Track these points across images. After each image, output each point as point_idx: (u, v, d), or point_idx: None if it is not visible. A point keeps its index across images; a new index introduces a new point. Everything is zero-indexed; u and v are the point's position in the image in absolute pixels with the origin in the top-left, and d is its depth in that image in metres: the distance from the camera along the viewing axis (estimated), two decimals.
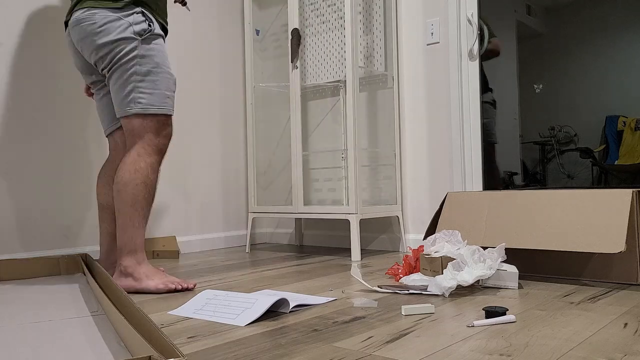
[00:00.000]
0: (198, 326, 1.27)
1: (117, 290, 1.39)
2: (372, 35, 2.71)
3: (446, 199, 2.07)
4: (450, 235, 1.74)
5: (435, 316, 1.30)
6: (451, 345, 1.06)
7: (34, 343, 1.12)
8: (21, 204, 2.23)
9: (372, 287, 1.64)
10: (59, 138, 2.35)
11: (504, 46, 3.43)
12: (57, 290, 1.75)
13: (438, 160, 2.57)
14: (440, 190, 2.57)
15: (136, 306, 1.16)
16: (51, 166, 2.32)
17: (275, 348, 1.07)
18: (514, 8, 5.57)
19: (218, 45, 3.02)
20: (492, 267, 1.56)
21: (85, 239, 2.42)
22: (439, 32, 2.56)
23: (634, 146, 5.75)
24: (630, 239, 1.65)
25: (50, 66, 2.33)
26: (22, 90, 2.25)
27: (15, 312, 1.43)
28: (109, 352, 1.03)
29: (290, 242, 3.17)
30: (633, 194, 1.66)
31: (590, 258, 1.73)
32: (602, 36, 5.51)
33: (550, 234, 1.73)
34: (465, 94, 2.49)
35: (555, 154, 5.98)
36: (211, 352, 1.05)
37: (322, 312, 1.37)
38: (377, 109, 2.74)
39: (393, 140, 2.67)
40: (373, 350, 1.04)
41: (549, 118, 5.75)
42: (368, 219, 2.80)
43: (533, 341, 1.07)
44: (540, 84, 4.00)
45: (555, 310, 1.32)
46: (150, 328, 0.99)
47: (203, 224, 2.93)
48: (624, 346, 1.02)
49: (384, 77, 2.71)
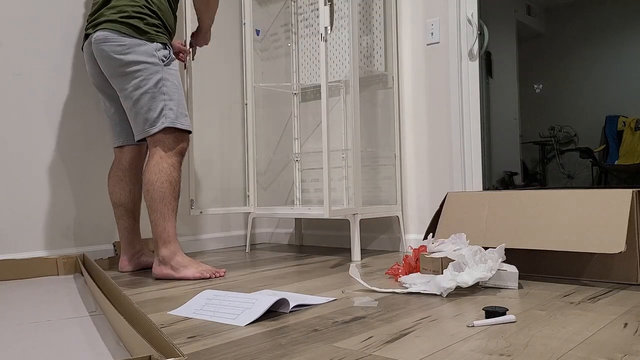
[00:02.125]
0: (198, 326, 1.27)
1: (115, 291, 1.39)
2: (372, 35, 2.71)
3: (446, 199, 2.07)
4: (457, 238, 1.74)
5: (435, 316, 1.30)
6: (451, 345, 1.06)
7: (32, 343, 1.12)
8: (19, 204, 2.23)
9: (372, 286, 1.64)
10: (58, 138, 2.35)
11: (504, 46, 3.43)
12: (55, 290, 1.75)
13: (438, 160, 2.57)
14: (440, 190, 2.57)
15: (135, 306, 1.15)
16: (51, 166, 2.32)
17: (275, 348, 1.07)
18: (514, 8, 5.57)
19: (218, 45, 3.02)
20: (492, 269, 1.56)
21: (84, 239, 2.42)
22: (439, 32, 2.56)
23: (634, 146, 5.74)
24: (630, 239, 1.65)
25: (49, 66, 2.33)
26: (21, 90, 2.25)
27: (14, 312, 1.43)
28: (108, 352, 1.03)
29: (290, 242, 3.17)
30: (633, 194, 1.66)
31: (590, 258, 1.73)
32: (602, 36, 5.51)
33: (550, 234, 1.73)
34: (465, 94, 2.49)
35: (555, 154, 5.97)
36: (211, 352, 1.05)
37: (322, 312, 1.37)
38: (377, 109, 2.74)
39: (393, 140, 2.67)
40: (373, 350, 1.04)
41: (549, 118, 5.73)
42: (368, 219, 2.80)
43: (533, 341, 1.07)
44: (540, 84, 4.00)
45: (555, 310, 1.32)
46: (150, 328, 0.99)
47: (203, 224, 2.93)
48: (624, 346, 1.02)
49: (384, 77, 2.70)
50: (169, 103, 1.98)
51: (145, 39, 1.96)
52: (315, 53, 2.92)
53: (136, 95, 1.96)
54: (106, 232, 2.49)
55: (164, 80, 1.97)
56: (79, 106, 2.42)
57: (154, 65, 1.96)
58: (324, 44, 2.15)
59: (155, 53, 1.97)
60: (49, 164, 2.31)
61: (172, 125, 1.97)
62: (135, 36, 1.95)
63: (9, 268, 2.02)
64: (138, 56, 1.94)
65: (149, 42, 1.97)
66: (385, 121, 2.70)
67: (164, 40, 2.02)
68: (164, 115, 1.97)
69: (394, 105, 2.66)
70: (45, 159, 2.31)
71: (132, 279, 2.02)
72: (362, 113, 2.78)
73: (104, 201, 2.49)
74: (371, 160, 2.76)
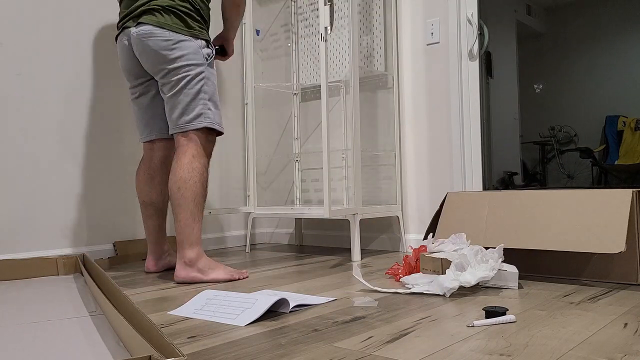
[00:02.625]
0: (198, 326, 1.27)
1: (115, 291, 1.39)
2: (372, 35, 2.71)
3: (446, 199, 2.07)
4: (457, 238, 1.74)
5: (435, 316, 1.30)
6: (451, 345, 1.06)
7: (32, 343, 1.12)
8: (19, 204, 2.23)
9: (374, 287, 1.64)
10: (58, 137, 2.35)
11: (504, 46, 3.43)
12: (55, 290, 1.75)
13: (438, 160, 2.57)
14: (440, 190, 2.57)
15: (135, 306, 1.15)
16: (51, 166, 2.32)
17: (275, 348, 1.07)
18: (514, 8, 5.56)
19: None
20: (494, 268, 1.56)
21: (84, 239, 2.42)
22: (439, 32, 2.56)
23: (634, 146, 5.74)
24: (630, 239, 1.65)
25: (47, 65, 2.33)
26: (22, 90, 2.25)
27: (14, 312, 1.43)
28: (108, 352, 1.03)
29: (290, 242, 3.17)
30: (633, 194, 1.66)
31: (590, 258, 1.73)
32: (602, 36, 5.51)
33: (550, 234, 1.73)
34: (465, 94, 2.49)
35: (555, 154, 5.97)
36: (211, 352, 1.05)
37: (322, 312, 1.37)
38: (377, 109, 2.74)
39: (393, 140, 2.67)
40: (373, 350, 1.03)
41: (549, 118, 5.73)
42: (368, 219, 2.80)
43: (533, 341, 1.07)
44: (540, 84, 4.00)
45: (555, 310, 1.32)
46: (150, 328, 0.99)
47: (203, 224, 2.93)
48: (624, 346, 1.02)
49: (384, 77, 2.70)
50: (209, 103, 1.95)
51: (190, 35, 1.91)
52: (315, 53, 2.92)
53: (178, 91, 1.92)
54: (106, 232, 2.49)
55: (205, 80, 1.94)
56: (78, 106, 2.42)
57: (199, 63, 1.92)
58: (324, 44, 2.15)
59: (200, 50, 1.93)
60: (49, 164, 2.31)
61: (211, 126, 1.94)
62: (181, 31, 1.90)
63: (9, 268, 2.02)
64: (184, 52, 1.90)
65: (194, 38, 1.92)
66: (385, 121, 2.70)
67: (207, 37, 1.98)
68: (203, 115, 1.93)
69: (394, 105, 2.66)
70: (45, 159, 2.31)
71: (132, 279, 2.02)
72: (362, 113, 2.78)
73: (104, 201, 2.49)
74: (371, 160, 2.76)
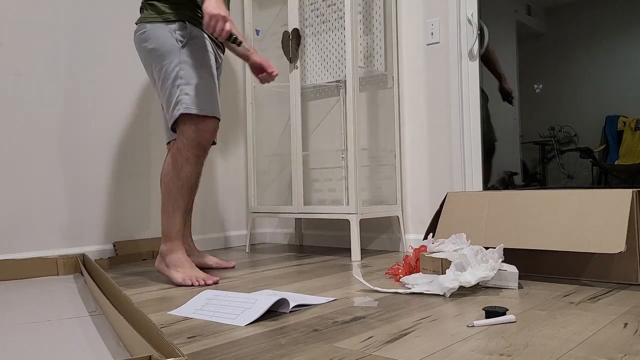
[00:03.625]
0: (198, 326, 1.27)
1: (115, 291, 1.39)
2: (372, 35, 2.71)
3: (446, 199, 2.07)
4: (457, 238, 1.74)
5: (435, 316, 1.30)
6: (451, 345, 1.05)
7: (32, 343, 1.12)
8: (19, 204, 2.23)
9: (374, 287, 1.64)
10: (58, 137, 2.35)
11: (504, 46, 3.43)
12: (55, 290, 1.75)
13: (438, 160, 2.57)
14: (440, 190, 2.57)
15: (135, 306, 1.15)
16: (51, 166, 2.32)
17: (275, 348, 1.07)
18: (514, 8, 5.57)
19: None
20: (494, 268, 1.56)
21: (84, 239, 2.42)
22: (439, 32, 2.56)
23: (634, 146, 5.75)
24: (630, 239, 1.65)
25: (47, 65, 2.33)
26: (21, 90, 2.25)
27: (14, 312, 1.43)
28: (108, 352, 1.03)
29: (290, 242, 3.17)
30: (633, 194, 1.66)
31: (590, 258, 1.73)
32: (603, 36, 5.52)
33: (550, 234, 1.73)
34: (465, 94, 2.49)
35: (555, 154, 5.98)
36: (211, 352, 1.05)
37: (322, 312, 1.37)
38: (377, 109, 2.74)
39: (393, 140, 2.67)
40: (373, 350, 1.03)
41: (549, 118, 5.76)
42: (368, 219, 2.80)
43: (533, 341, 1.07)
44: (540, 84, 4.01)
45: (555, 310, 1.32)
46: (150, 328, 0.99)
47: (203, 224, 2.93)
48: (624, 346, 1.02)
49: (384, 77, 2.70)
50: (185, 88, 1.80)
51: (161, 20, 1.83)
52: (316, 53, 2.91)
53: (160, 86, 1.86)
54: (106, 232, 2.49)
55: (181, 64, 1.81)
56: (78, 106, 2.42)
57: (172, 49, 1.82)
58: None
59: (173, 34, 1.82)
60: (49, 164, 2.31)
61: (186, 111, 1.79)
62: (154, 20, 1.84)
63: (9, 268, 2.02)
64: (156, 42, 1.83)
65: (165, 23, 1.83)
66: (385, 121, 2.70)
67: (183, 17, 1.85)
68: (180, 102, 1.80)
69: (393, 105, 2.66)
70: (45, 159, 2.31)
71: (132, 279, 2.02)
72: (362, 113, 2.78)
73: (104, 201, 2.49)
74: (371, 160, 2.76)
